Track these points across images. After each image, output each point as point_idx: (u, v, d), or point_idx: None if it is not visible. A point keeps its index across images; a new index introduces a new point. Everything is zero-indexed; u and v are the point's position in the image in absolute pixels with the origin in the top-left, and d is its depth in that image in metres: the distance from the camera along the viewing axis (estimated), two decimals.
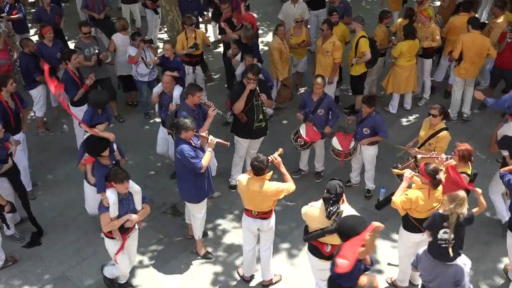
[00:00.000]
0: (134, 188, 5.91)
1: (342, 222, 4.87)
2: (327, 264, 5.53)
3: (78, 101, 8.40)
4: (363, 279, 4.62)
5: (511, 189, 6.12)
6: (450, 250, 5.17)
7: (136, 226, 6.16)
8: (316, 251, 5.53)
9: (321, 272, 5.72)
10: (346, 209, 5.37)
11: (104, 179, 6.02)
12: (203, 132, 6.68)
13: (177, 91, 7.92)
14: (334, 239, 5.34)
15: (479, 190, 5.71)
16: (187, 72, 9.74)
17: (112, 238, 5.91)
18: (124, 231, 5.93)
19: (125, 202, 5.83)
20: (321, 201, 5.37)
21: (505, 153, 6.95)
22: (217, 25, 12.94)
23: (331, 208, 5.23)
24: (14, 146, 7.00)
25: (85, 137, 6.93)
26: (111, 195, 5.70)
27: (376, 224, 4.56)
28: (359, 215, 5.27)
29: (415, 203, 5.67)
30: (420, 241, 6.01)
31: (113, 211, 5.72)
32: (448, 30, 9.91)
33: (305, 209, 5.50)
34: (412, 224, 5.87)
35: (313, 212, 5.38)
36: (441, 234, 5.22)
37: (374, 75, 10.17)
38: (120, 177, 5.66)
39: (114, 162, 6.49)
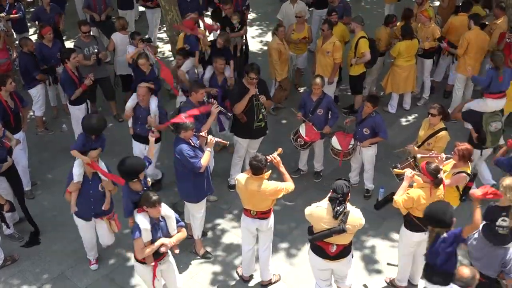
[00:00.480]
0: (167, 212, 5.61)
1: (430, 210, 5.21)
2: (330, 264, 5.55)
3: (76, 100, 8.40)
4: (465, 271, 4.76)
5: None
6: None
7: (170, 252, 5.84)
8: (321, 251, 5.52)
9: (323, 272, 5.73)
10: (352, 209, 5.38)
11: (132, 204, 5.73)
12: (205, 129, 6.69)
13: (154, 102, 7.55)
14: (340, 239, 5.37)
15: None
16: None
17: (144, 263, 5.61)
18: (157, 256, 5.62)
19: (157, 227, 5.53)
20: (326, 201, 5.38)
21: (469, 126, 7.71)
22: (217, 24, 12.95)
23: (338, 208, 5.24)
24: (13, 141, 7.00)
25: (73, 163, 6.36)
26: (143, 220, 5.43)
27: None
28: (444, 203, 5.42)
29: (417, 202, 5.69)
30: (421, 240, 6.02)
31: (146, 236, 5.44)
32: (447, 30, 9.93)
33: (310, 210, 5.48)
34: (414, 223, 5.88)
35: (320, 212, 5.36)
36: (500, 222, 5.41)
37: (374, 75, 10.18)
38: (152, 201, 5.37)
39: (145, 187, 6.01)
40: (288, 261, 6.92)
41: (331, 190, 5.35)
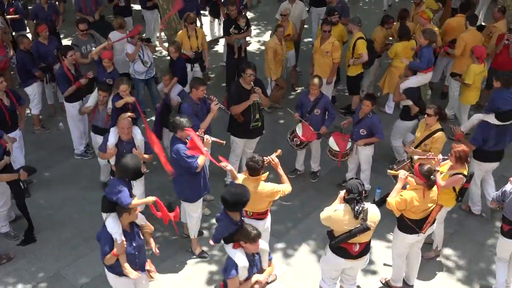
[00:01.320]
0: (262, 246, 5.19)
1: None
2: (352, 263, 5.59)
3: (72, 98, 8.40)
4: None
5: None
6: None
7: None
8: (344, 252, 5.50)
9: (337, 272, 5.77)
10: (369, 206, 5.41)
11: (226, 234, 5.27)
12: (204, 127, 6.70)
13: (138, 132, 6.90)
14: (363, 237, 5.40)
15: None
16: None
17: None
18: None
19: (253, 263, 5.14)
20: (337, 203, 5.42)
21: (409, 102, 8.10)
22: (215, 20, 12.91)
23: (357, 207, 5.26)
24: (10, 143, 6.99)
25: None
26: (241, 258, 5.01)
27: None
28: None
29: (410, 204, 5.69)
30: (414, 242, 6.03)
31: (243, 274, 5.03)
32: (444, 31, 9.95)
33: (327, 214, 5.43)
34: (407, 225, 5.89)
35: (339, 215, 5.34)
36: None
37: (371, 77, 10.20)
38: (252, 237, 4.95)
39: (243, 217, 5.56)
40: (284, 261, 6.92)
41: (345, 192, 5.36)
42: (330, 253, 5.60)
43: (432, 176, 5.68)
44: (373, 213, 5.37)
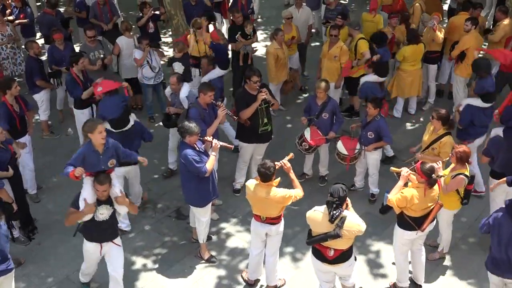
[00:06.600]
0: None
1: None
2: (330, 268, 5.56)
3: (81, 104, 8.44)
4: None
5: None
6: None
7: None
8: (319, 255, 5.54)
9: (325, 274, 5.75)
10: (350, 215, 5.37)
11: None
12: (210, 132, 6.69)
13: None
14: (338, 243, 5.37)
15: None
16: (193, 75, 9.75)
17: None
18: None
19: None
20: (324, 205, 5.39)
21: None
22: (223, 26, 12.94)
23: (334, 212, 5.24)
24: (19, 151, 7.04)
25: None
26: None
27: None
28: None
29: (410, 201, 5.71)
30: (414, 239, 6.03)
31: None
32: (448, 29, 9.94)
33: (308, 214, 5.52)
34: (406, 222, 5.91)
35: (316, 216, 5.39)
36: None
37: None
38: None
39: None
40: (293, 265, 6.91)
41: (328, 194, 5.36)
42: (311, 254, 5.68)
43: (433, 175, 5.68)
44: (352, 223, 5.33)
